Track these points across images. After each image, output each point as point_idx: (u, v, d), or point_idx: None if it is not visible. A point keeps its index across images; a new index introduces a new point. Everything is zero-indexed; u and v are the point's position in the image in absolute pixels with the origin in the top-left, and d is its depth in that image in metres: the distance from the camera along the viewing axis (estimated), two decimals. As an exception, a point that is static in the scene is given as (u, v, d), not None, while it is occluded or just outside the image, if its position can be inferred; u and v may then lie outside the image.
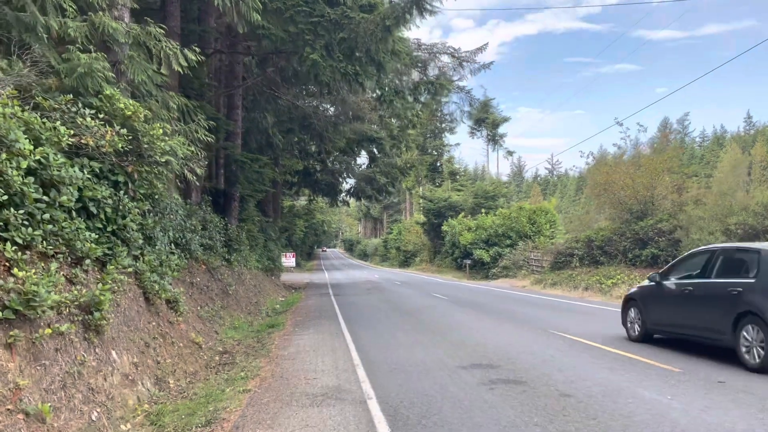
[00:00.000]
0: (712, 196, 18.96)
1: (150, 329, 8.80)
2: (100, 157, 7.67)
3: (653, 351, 9.35)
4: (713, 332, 8.66)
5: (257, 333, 13.28)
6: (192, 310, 12.09)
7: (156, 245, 9.98)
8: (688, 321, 9.29)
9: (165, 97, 9.41)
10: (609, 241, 24.60)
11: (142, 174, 8.50)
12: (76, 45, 8.01)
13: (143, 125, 8.39)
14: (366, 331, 12.60)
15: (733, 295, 8.25)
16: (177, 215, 11.76)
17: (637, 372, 7.71)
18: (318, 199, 48.91)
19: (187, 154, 9.43)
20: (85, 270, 7.11)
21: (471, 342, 10.58)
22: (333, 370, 8.43)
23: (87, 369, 6.28)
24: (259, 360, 9.57)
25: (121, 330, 7.70)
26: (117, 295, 7.76)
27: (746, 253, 8.76)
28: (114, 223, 7.95)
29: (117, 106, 8.16)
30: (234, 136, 19.41)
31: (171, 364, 8.78)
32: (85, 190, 7.21)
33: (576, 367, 8.11)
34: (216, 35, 16.78)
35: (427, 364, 8.57)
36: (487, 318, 14.79)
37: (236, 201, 20.04)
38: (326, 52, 12.03)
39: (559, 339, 10.82)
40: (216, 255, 15.95)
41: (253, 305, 18.52)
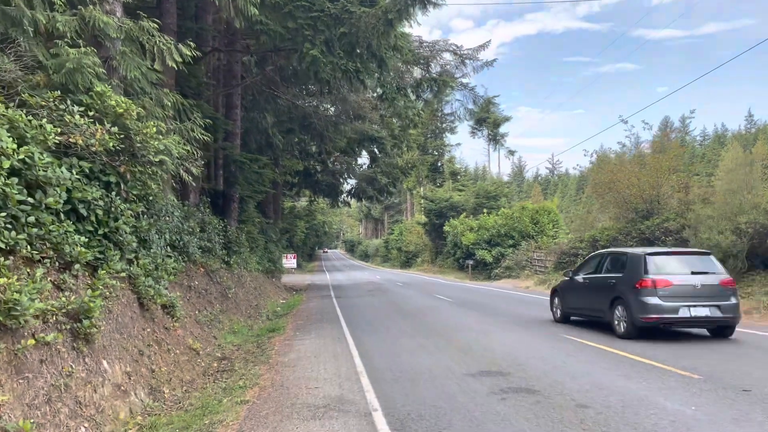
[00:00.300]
0: (721, 195, 18.56)
1: (144, 336, 8.45)
2: (91, 156, 7.31)
3: (667, 355, 8.98)
4: (600, 312, 12.11)
5: (257, 337, 12.93)
6: (189, 315, 11.74)
7: (151, 248, 9.63)
8: (586, 304, 12.90)
9: (159, 95, 9.05)
10: (614, 241, 24.19)
11: (135, 174, 8.15)
12: (65, 40, 7.66)
13: (136, 123, 8.04)
14: (369, 335, 12.24)
15: (611, 285, 11.83)
16: (173, 217, 11.40)
17: (654, 379, 7.34)
18: (319, 200, 48.59)
19: (183, 153, 9.07)
20: (75, 275, 6.76)
21: (478, 347, 10.21)
22: (335, 378, 8.06)
23: (75, 381, 5.92)
24: (258, 367, 9.21)
25: (114, 338, 7.35)
26: (109, 301, 7.41)
27: (621, 255, 12.31)
28: (106, 225, 7.60)
29: (108, 103, 7.80)
30: (233, 136, 19.05)
31: (166, 372, 8.42)
32: (75, 192, 6.85)
33: (590, 373, 7.74)
34: (213, 33, 16.43)
35: (433, 371, 8.20)
36: (492, 320, 14.42)
37: (236, 202, 19.68)
38: (326, 48, 11.67)
39: (568, 343, 10.46)
40: (215, 257, 15.60)
41: (254, 308, 18.17)
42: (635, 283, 11.07)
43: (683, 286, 10.87)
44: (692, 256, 12.04)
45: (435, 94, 17.78)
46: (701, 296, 10.81)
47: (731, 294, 11.06)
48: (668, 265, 11.42)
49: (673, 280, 10.90)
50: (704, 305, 10.74)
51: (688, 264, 11.49)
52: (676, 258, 11.81)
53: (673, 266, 11.40)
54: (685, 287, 10.86)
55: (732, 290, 11.17)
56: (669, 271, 11.17)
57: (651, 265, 11.22)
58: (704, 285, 10.90)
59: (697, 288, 10.85)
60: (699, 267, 11.35)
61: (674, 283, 10.87)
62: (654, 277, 10.94)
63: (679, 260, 11.69)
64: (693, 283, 10.90)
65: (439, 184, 68.87)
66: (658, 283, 10.85)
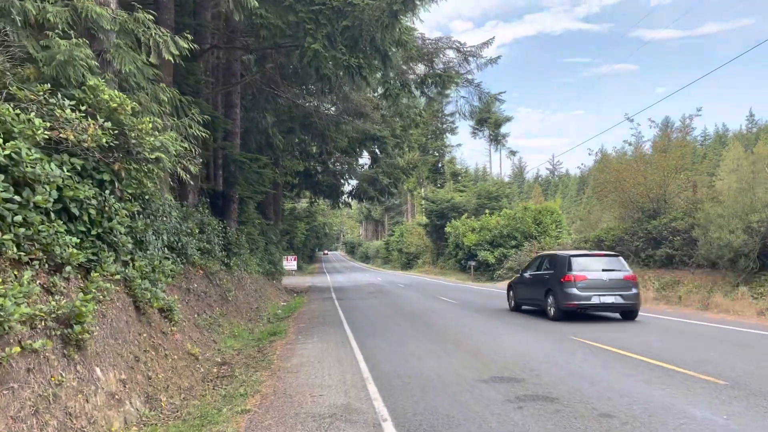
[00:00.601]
0: (731, 193, 18.20)
1: (141, 341, 8.08)
2: (83, 153, 6.95)
3: (685, 358, 8.60)
4: (539, 301, 15.27)
5: (258, 341, 12.56)
6: (188, 319, 11.37)
7: (148, 250, 9.26)
8: (531, 296, 16.03)
9: (155, 90, 8.68)
10: (620, 241, 23.84)
11: (130, 172, 7.78)
12: (56, 31, 7.30)
13: (131, 119, 7.67)
14: (373, 339, 11.87)
15: (545, 279, 15.04)
16: (171, 217, 11.03)
17: (678, 385, 6.96)
18: (319, 201, 48.23)
19: (180, 150, 8.71)
20: (66, 278, 6.40)
21: (487, 351, 9.84)
22: (341, 384, 7.68)
23: (65, 390, 5.55)
24: (259, 373, 8.84)
25: (107, 344, 6.98)
26: (103, 305, 7.05)
27: (554, 257, 15.53)
28: (99, 225, 7.23)
29: (101, 97, 7.44)
30: (232, 136, 18.68)
31: (164, 379, 8.05)
32: (66, 190, 6.50)
33: (609, 379, 7.36)
34: (212, 30, 16.07)
35: (443, 377, 7.82)
36: (499, 323, 14.05)
37: (235, 203, 19.31)
38: (328, 43, 11.29)
39: (581, 346, 10.08)
40: (214, 259, 15.24)
41: (254, 311, 17.80)
42: (561, 278, 14.26)
43: (596, 280, 14.01)
44: (605, 257, 15.25)
45: (440, 90, 17.41)
46: (609, 288, 13.97)
47: (632, 286, 14.16)
48: (586, 264, 14.55)
49: (588, 276, 14.05)
50: (611, 294, 13.90)
51: (601, 263, 14.69)
52: (592, 259, 14.97)
53: (589, 265, 14.51)
54: (597, 281, 14.01)
55: (633, 283, 14.29)
56: (586, 268, 14.28)
57: (573, 264, 14.39)
58: (611, 279, 14.07)
59: (606, 281, 14.03)
60: (609, 266, 14.55)
61: (589, 277, 14.02)
62: (574, 273, 14.09)
63: (595, 260, 14.86)
64: (603, 278, 14.06)
65: (439, 185, 68.51)
66: (577, 278, 14.00)
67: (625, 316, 14.49)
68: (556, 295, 14.31)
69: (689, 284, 18.52)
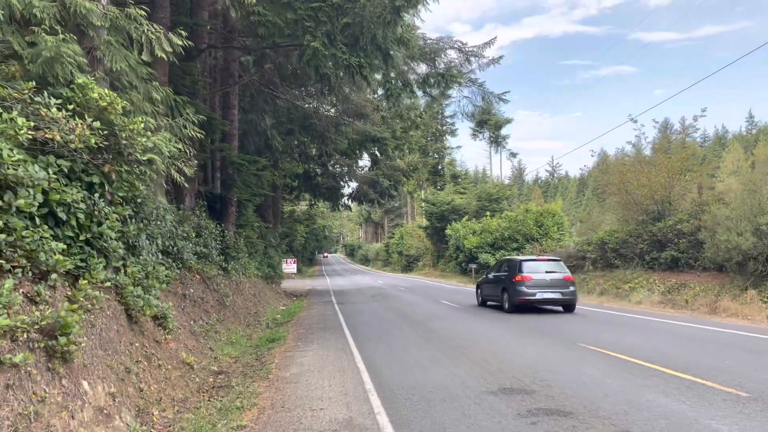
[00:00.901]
0: (738, 194, 17.84)
1: (132, 351, 7.72)
2: (70, 154, 6.60)
3: (702, 367, 8.24)
4: (498, 297, 18.42)
5: (256, 348, 12.20)
6: (184, 326, 11.02)
7: (141, 255, 8.92)
8: (492, 293, 19.23)
9: (148, 88, 8.33)
10: (624, 244, 23.49)
11: (121, 174, 7.43)
12: (42, 27, 6.96)
13: (121, 119, 7.33)
14: (375, 345, 11.50)
15: (502, 279, 18.16)
16: (165, 221, 10.68)
17: (698, 397, 6.60)
18: (319, 203, 47.89)
19: (175, 152, 8.37)
20: (52, 286, 6.05)
21: (494, 359, 9.47)
22: (342, 396, 7.32)
23: (48, 407, 5.20)
24: (257, 383, 8.48)
25: (96, 355, 6.62)
26: (91, 315, 6.71)
27: (510, 261, 18.97)
28: (88, 230, 6.89)
29: (90, 96, 7.10)
30: (230, 138, 18.34)
31: (156, 390, 7.69)
32: (52, 193, 6.15)
33: (624, 391, 7.00)
34: (209, 29, 15.73)
35: (449, 388, 7.46)
36: (504, 328, 13.69)
37: (233, 206, 18.96)
38: (328, 41, 10.94)
39: (592, 354, 9.72)
40: (212, 264, 14.89)
41: (253, 316, 17.44)
42: (513, 278, 17.42)
43: (540, 280, 17.05)
44: (549, 261, 18.45)
45: (443, 90, 17.06)
46: (550, 286, 17.03)
47: (570, 285, 17.27)
48: (533, 267, 17.54)
49: (534, 276, 17.10)
50: (552, 291, 16.96)
51: (545, 266, 17.72)
52: (538, 263, 18.10)
53: (536, 268, 17.50)
54: (541, 281, 17.06)
55: (571, 282, 17.39)
56: (533, 270, 17.31)
57: (523, 267, 17.40)
58: (553, 279, 17.19)
59: (548, 281, 17.11)
60: (551, 268, 17.65)
61: (534, 278, 17.06)
62: (523, 274, 17.16)
63: (540, 264, 17.94)
64: (546, 278, 17.15)
65: (440, 187, 68.20)
66: (525, 278, 17.09)
67: (565, 309, 17.42)
68: (509, 292, 17.45)
69: (696, 287, 18.16)
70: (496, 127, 68.67)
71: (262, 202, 28.06)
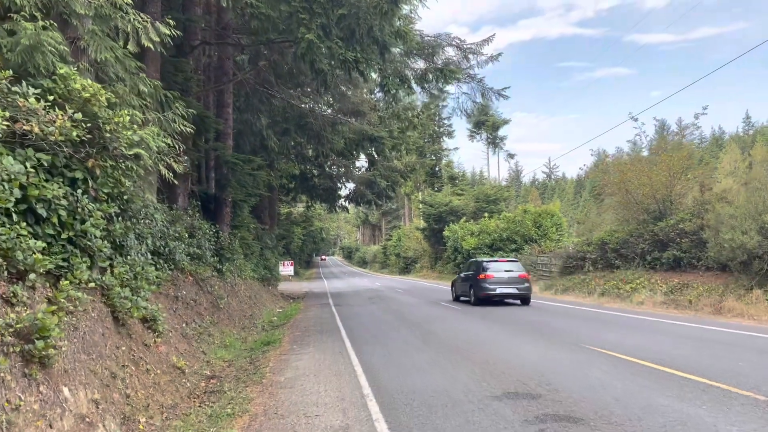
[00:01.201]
0: (743, 193, 17.54)
1: (119, 355, 7.35)
2: (51, 148, 6.24)
3: (715, 369, 7.91)
4: (467, 293, 21.30)
5: (251, 352, 11.84)
6: (175, 329, 10.65)
7: (129, 255, 8.56)
8: (463, 290, 22.03)
9: (135, 81, 7.98)
10: (625, 244, 23.19)
11: (105, 170, 7.08)
12: (22, 13, 6.61)
13: (106, 111, 6.98)
14: (373, 348, 11.14)
15: (470, 277, 21.08)
16: (156, 220, 10.32)
17: (715, 401, 6.26)
18: (316, 205, 47.52)
19: (163, 147, 8.01)
20: (30, 287, 5.70)
21: (497, 362, 9.12)
22: (338, 402, 6.97)
23: (23, 415, 4.84)
24: (250, 388, 8.12)
25: (79, 359, 6.26)
26: (74, 317, 6.34)
27: (476, 261, 21.79)
28: (70, 228, 6.53)
29: (73, 87, 6.75)
30: (224, 137, 17.98)
31: (144, 396, 7.32)
32: (31, 188, 5.80)
33: (636, 395, 6.65)
34: (203, 26, 15.37)
35: (451, 393, 7.11)
36: (506, 330, 13.36)
37: (228, 206, 18.59)
38: (323, 33, 10.60)
39: (598, 356, 9.38)
40: (205, 265, 14.52)
41: (248, 318, 17.06)
42: (477, 276, 20.48)
43: (499, 277, 20.16)
44: (508, 262, 21.75)
45: (441, 86, 16.73)
46: (508, 282, 20.14)
47: (525, 281, 20.34)
48: (494, 267, 20.70)
49: (494, 275, 20.22)
50: (509, 287, 20.10)
51: (504, 266, 20.85)
52: (499, 263, 21.31)
53: (496, 267, 20.67)
54: (500, 278, 20.15)
55: (526, 279, 20.45)
56: (494, 270, 20.47)
57: (486, 267, 20.61)
58: (510, 277, 20.26)
59: (507, 278, 20.18)
60: (509, 267, 20.81)
61: (495, 276, 20.18)
62: (486, 273, 20.26)
63: (500, 264, 21.12)
64: (504, 276, 20.24)
65: (437, 188, 67.94)
66: (487, 276, 20.17)
67: (522, 302, 20.46)
68: (475, 288, 20.61)
69: (699, 287, 17.85)
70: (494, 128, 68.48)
71: (258, 204, 27.71)
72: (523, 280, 20.13)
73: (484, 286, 19.91)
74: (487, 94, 17.31)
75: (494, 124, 67.27)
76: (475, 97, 17.90)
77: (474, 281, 20.57)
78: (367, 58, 11.64)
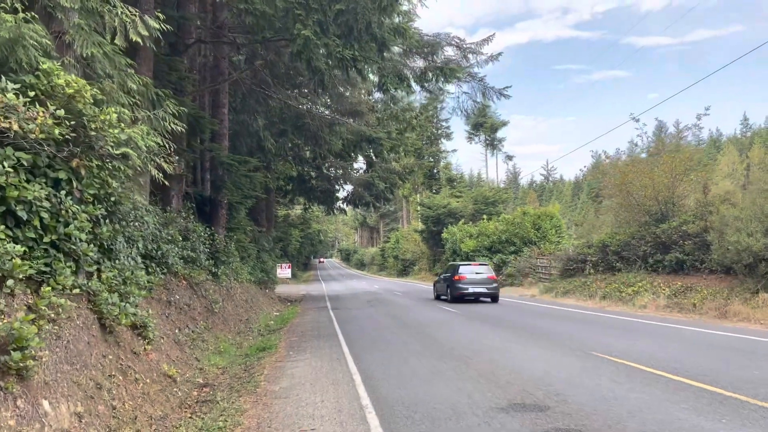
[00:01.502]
0: (748, 194, 17.24)
1: (105, 365, 7.00)
2: (32, 147, 5.90)
3: (727, 378, 7.59)
4: (445, 292, 24.26)
5: (246, 358, 11.49)
6: (167, 335, 10.29)
7: (119, 259, 8.21)
8: (442, 290, 25.00)
9: (122, 77, 7.64)
10: (626, 246, 22.87)
11: (91, 170, 6.74)
12: (2, 5, 6.27)
13: (92, 108, 6.64)
14: (372, 355, 10.80)
15: (448, 278, 24.29)
16: (147, 223, 9.97)
17: (734, 414, 5.93)
18: (314, 207, 47.19)
19: (153, 146, 7.68)
20: (9, 293, 5.36)
21: (501, 370, 8.78)
22: (336, 414, 6.62)
23: (-3, 434, 4.50)
24: (243, 398, 7.77)
25: (61, 370, 5.92)
26: (56, 325, 6.00)
27: (453, 265, 25.75)
28: (53, 231, 6.20)
29: (56, 83, 6.41)
30: (220, 137, 17.64)
31: (132, 408, 6.97)
32: (10, 189, 5.47)
33: (650, 407, 6.32)
34: (198, 24, 15.03)
35: (455, 404, 6.77)
36: (509, 335, 13.02)
37: (224, 208, 18.23)
38: (320, 29, 10.26)
39: (606, 364, 9.04)
40: (200, 268, 14.17)
41: (244, 323, 16.71)
42: (453, 278, 23.58)
43: (471, 278, 23.17)
44: (479, 265, 24.89)
45: (441, 85, 16.39)
46: (479, 282, 23.15)
47: (494, 282, 23.44)
48: (467, 269, 23.80)
49: (467, 276, 23.26)
50: (479, 287, 23.09)
51: (476, 269, 24.01)
52: (472, 266, 24.32)
53: (469, 270, 23.76)
54: (472, 279, 23.17)
55: (495, 280, 23.67)
56: (466, 272, 23.54)
57: (461, 269, 23.76)
58: (480, 278, 23.27)
59: (477, 279, 23.19)
60: (480, 270, 23.99)
61: (467, 277, 23.20)
62: (460, 275, 23.30)
63: (472, 267, 24.27)
64: (475, 277, 23.23)
65: (435, 190, 67.66)
66: (461, 277, 23.21)
67: (492, 300, 23.44)
68: (451, 288, 23.71)
69: (703, 291, 17.53)
70: (492, 130, 68.24)
71: (255, 206, 27.35)
72: (492, 281, 23.37)
73: (459, 286, 23.13)
74: (488, 94, 16.97)
75: (493, 126, 67.02)
76: (476, 97, 17.56)
77: (450, 282, 23.84)
78: (366, 56, 11.31)
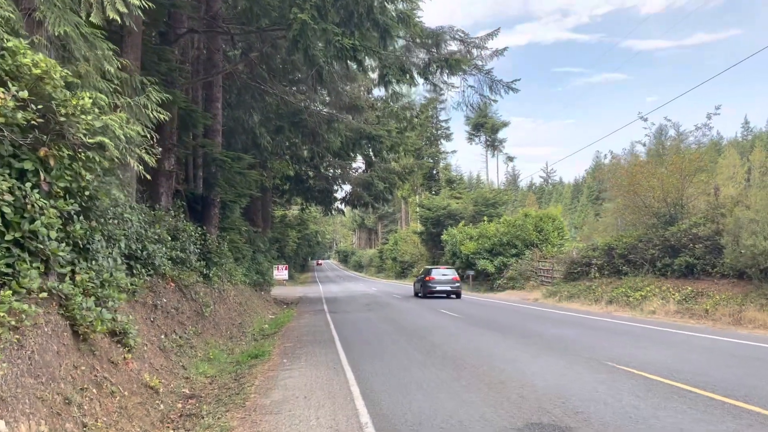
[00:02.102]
0: (764, 196, 16.59)
1: (77, 377, 6.31)
2: (-8, 133, 5.24)
3: (760, 394, 6.92)
4: (420, 290, 31.17)
5: (237, 366, 10.79)
6: (152, 341, 9.60)
7: (96, 259, 7.51)
8: (420, 289, 31.19)
9: (98, 58, 6.96)
10: (633, 249, 22.20)
11: (62, 160, 6.06)
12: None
13: (62, 92, 5.97)
14: (371, 364, 10.10)
15: (422, 279, 31.43)
16: (130, 221, 9.28)
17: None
18: (311, 207, 46.49)
19: (133, 136, 6.99)
20: (-39, 298, 4.69)
21: (512, 382, 8.10)
22: (332, 434, 5.94)
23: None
24: (231, 413, 7.08)
25: (23, 384, 5.24)
26: (18, 333, 5.34)
27: (427, 268, 33.52)
28: (17, 228, 5.53)
29: (21, 62, 5.74)
30: (213, 133, 16.95)
31: (105, 425, 6.27)
32: (-37, 180, 4.79)
33: (682, 428, 5.65)
34: (190, 13, 14.34)
35: (464, 422, 6.09)
36: (516, 343, 12.33)
37: (216, 207, 17.53)
38: (318, 14, 9.59)
39: (625, 377, 8.36)
40: (190, 270, 13.46)
41: (237, 327, 16.00)
42: (425, 278, 29.96)
43: (439, 279, 29.40)
44: (446, 269, 31.01)
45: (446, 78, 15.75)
46: (445, 282, 29.24)
47: (456, 282, 29.54)
48: (436, 272, 30.20)
49: (435, 277, 29.58)
50: (445, 285, 29.19)
51: (443, 271, 30.31)
52: (440, 269, 30.80)
53: (437, 272, 30.13)
54: (439, 280, 29.35)
55: (457, 281, 29.74)
56: (436, 274, 29.80)
57: (431, 272, 30.21)
58: (446, 279, 29.40)
59: (443, 280, 29.30)
60: (446, 272, 30.19)
61: (435, 278, 29.45)
62: (431, 276, 29.60)
63: (440, 269, 30.81)
64: (442, 278, 29.41)
65: (434, 192, 67.02)
66: (431, 278, 29.50)
67: (456, 296, 29.28)
68: (423, 286, 29.95)
69: (715, 296, 16.87)
70: (493, 131, 67.65)
71: (250, 205, 26.67)
72: (455, 281, 29.65)
73: (429, 285, 29.48)
74: (495, 87, 16.29)
75: (494, 127, 66.43)
76: (483, 90, 16.86)
77: (423, 282, 30.40)
78: (367, 45, 10.64)
